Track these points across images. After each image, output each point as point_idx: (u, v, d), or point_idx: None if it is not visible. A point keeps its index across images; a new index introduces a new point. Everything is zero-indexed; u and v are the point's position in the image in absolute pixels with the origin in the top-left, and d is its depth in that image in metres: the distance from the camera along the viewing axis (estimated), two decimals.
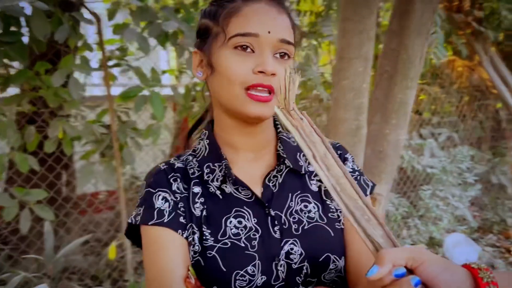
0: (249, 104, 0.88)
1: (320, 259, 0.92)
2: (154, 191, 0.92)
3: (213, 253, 0.89)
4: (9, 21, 1.97)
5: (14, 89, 2.51)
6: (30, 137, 2.48)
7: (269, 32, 0.88)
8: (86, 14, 2.48)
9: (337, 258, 0.93)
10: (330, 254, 0.93)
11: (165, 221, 0.90)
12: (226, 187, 0.94)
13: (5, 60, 2.10)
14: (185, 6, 2.68)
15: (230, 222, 0.92)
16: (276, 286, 0.90)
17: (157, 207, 0.90)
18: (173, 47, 2.58)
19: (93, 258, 3.05)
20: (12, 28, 2.02)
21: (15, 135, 2.28)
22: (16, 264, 2.70)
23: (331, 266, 0.93)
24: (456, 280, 0.67)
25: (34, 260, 2.68)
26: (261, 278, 0.89)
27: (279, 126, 1.02)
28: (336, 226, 0.97)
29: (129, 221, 0.94)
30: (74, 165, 3.18)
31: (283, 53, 0.90)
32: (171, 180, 0.93)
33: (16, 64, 2.40)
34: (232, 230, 0.91)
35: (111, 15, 2.34)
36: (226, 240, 0.90)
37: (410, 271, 0.67)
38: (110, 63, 2.74)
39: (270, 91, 0.88)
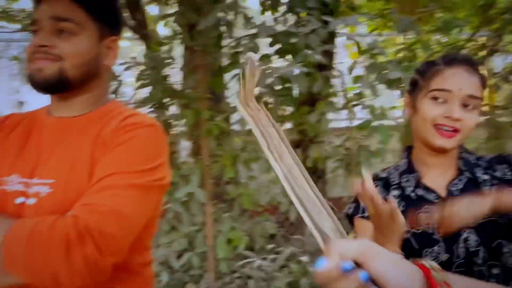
0: (435, 137, 0.97)
1: (493, 245, 0.95)
2: None
3: (408, 236, 0.98)
4: (284, 81, 2.35)
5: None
6: (299, 156, 2.85)
7: (460, 89, 0.96)
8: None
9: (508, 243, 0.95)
10: (502, 241, 0.95)
11: (366, 215, 1.01)
12: (418, 191, 1.03)
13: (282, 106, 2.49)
14: (404, 58, 2.74)
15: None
16: (457, 263, 0.95)
17: (362, 205, 1.02)
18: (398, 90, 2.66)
19: None
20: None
21: None
22: (287, 242, 3.08)
23: (504, 250, 0.95)
24: (406, 278, 0.51)
25: (299, 240, 3.02)
26: (445, 256, 0.95)
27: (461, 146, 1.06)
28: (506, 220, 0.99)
29: (345, 212, 1.09)
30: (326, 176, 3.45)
31: (469, 105, 0.97)
32: (374, 186, 1.05)
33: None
34: None
35: (350, 70, 2.56)
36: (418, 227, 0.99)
37: (358, 265, 0.51)
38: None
39: (455, 130, 0.96)
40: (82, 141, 0.91)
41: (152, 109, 2.67)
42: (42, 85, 0.90)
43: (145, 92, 2.70)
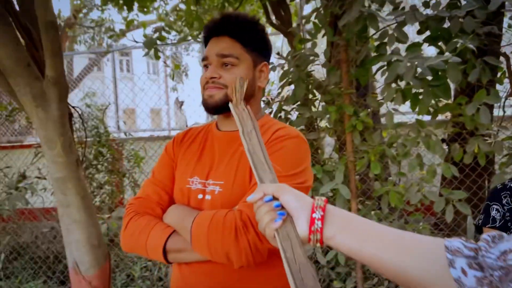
0: None
1: None
2: (490, 203, 1.13)
3: None
4: (436, 70, 2.35)
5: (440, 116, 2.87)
6: (455, 151, 2.80)
7: None
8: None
9: None
10: None
11: (497, 225, 1.11)
12: None
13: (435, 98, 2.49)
14: None
15: None
16: None
17: (492, 216, 1.11)
18: None
19: None
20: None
21: (441, 150, 2.65)
22: None
23: None
24: (301, 205, 0.81)
25: None
26: None
27: None
28: None
29: (475, 223, 1.18)
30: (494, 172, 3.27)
31: None
32: (502, 196, 1.12)
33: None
34: None
35: None
36: None
37: (275, 199, 0.85)
38: None
39: None
40: (243, 150, 1.20)
41: (296, 106, 2.94)
42: (213, 108, 1.23)
43: (291, 89, 2.99)
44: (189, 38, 3.04)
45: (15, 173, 3.95)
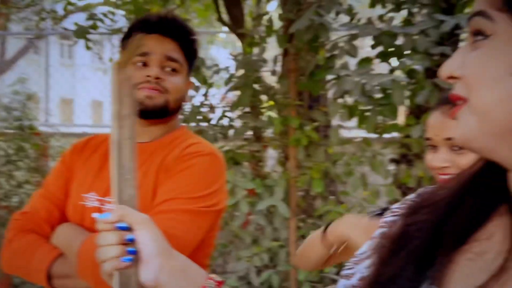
0: None
1: None
2: None
3: None
4: (386, 88, 2.45)
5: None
6: (402, 173, 2.90)
7: None
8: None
9: None
10: None
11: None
12: None
13: (380, 117, 2.59)
14: None
15: None
16: None
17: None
18: None
19: None
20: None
21: (385, 171, 2.75)
22: None
23: None
24: (158, 251, 0.71)
25: None
26: None
27: None
28: None
29: None
30: None
31: None
32: None
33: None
34: None
35: None
36: None
37: (131, 230, 0.72)
38: None
39: None
40: (150, 165, 1.18)
41: (240, 113, 2.97)
42: (149, 111, 1.17)
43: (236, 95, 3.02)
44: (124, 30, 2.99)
45: None
